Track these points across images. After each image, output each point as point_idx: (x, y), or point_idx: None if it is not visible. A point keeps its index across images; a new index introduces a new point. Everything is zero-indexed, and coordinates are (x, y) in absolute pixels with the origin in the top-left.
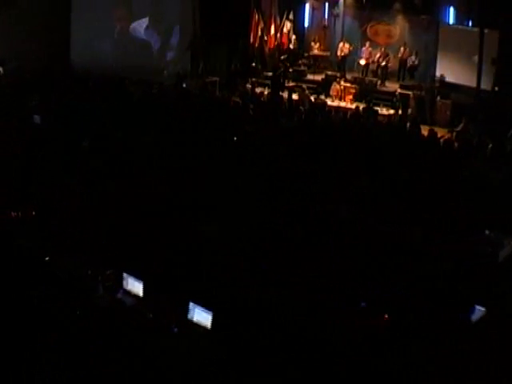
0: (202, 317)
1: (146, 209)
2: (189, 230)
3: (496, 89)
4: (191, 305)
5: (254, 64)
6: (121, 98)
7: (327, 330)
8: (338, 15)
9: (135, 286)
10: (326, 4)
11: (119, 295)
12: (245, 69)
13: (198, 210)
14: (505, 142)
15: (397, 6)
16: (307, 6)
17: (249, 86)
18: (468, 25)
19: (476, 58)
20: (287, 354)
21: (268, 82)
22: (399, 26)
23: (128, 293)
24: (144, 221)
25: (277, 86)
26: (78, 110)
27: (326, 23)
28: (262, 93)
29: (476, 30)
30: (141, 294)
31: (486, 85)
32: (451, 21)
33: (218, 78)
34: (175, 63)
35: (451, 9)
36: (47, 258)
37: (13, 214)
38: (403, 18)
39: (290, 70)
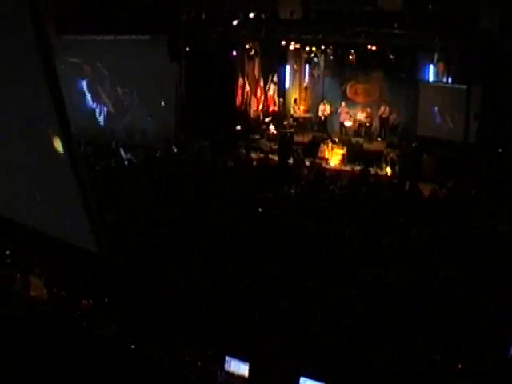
0: None
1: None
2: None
3: (500, 150)
4: (302, 379)
5: (239, 127)
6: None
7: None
8: (318, 76)
9: (240, 368)
10: (307, 65)
11: (221, 378)
12: (230, 132)
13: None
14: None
15: (375, 64)
16: (288, 67)
17: (243, 151)
18: (448, 82)
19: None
20: None
21: (255, 144)
22: (378, 85)
23: (231, 374)
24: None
25: (285, 152)
26: None
27: (307, 84)
28: (260, 158)
29: (457, 86)
30: (246, 374)
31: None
32: (431, 78)
33: (207, 142)
34: (160, 127)
35: (430, 67)
36: (133, 346)
37: (83, 302)
38: (382, 76)
39: (276, 132)
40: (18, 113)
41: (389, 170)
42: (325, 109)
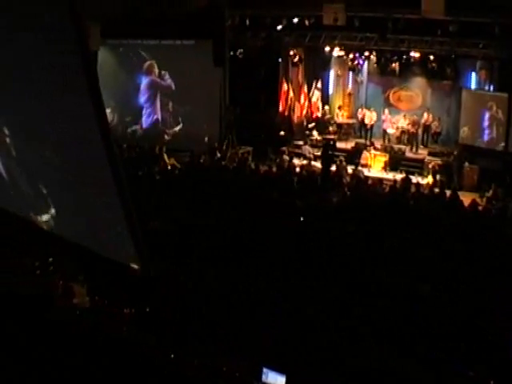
0: None
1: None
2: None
3: None
4: None
5: (282, 133)
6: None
7: None
8: (361, 82)
9: (277, 380)
10: (350, 72)
11: None
12: (274, 138)
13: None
14: None
15: (418, 72)
16: (331, 73)
17: (286, 157)
18: (489, 89)
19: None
20: None
21: (298, 150)
22: (421, 92)
23: None
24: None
25: (327, 160)
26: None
27: (350, 90)
28: (303, 165)
29: (499, 94)
30: None
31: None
32: (473, 86)
33: (251, 148)
34: (204, 132)
35: (473, 74)
36: (172, 356)
37: (125, 310)
38: (425, 83)
39: (319, 139)
40: (60, 123)
41: (430, 179)
42: (371, 116)
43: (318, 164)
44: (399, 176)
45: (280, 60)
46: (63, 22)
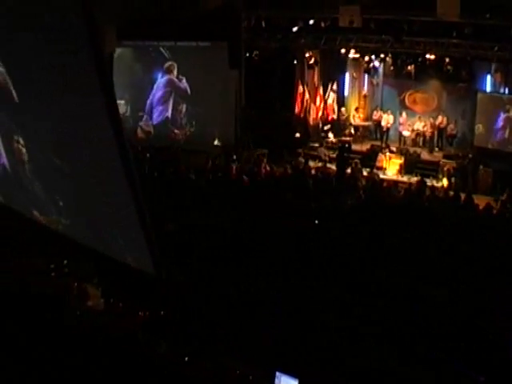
0: None
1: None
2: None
3: None
4: None
5: (298, 135)
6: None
7: None
8: (377, 84)
9: None
10: (366, 73)
11: None
12: (289, 140)
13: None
14: None
15: (434, 74)
16: (347, 75)
17: (301, 159)
18: (505, 92)
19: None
20: None
21: (314, 152)
22: (437, 94)
23: None
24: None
25: (343, 163)
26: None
27: (366, 92)
28: (318, 168)
29: None
30: None
31: None
32: (488, 89)
33: (267, 150)
34: (220, 134)
35: (488, 77)
36: (186, 359)
37: (140, 313)
38: (440, 86)
39: (335, 141)
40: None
41: (445, 182)
42: (388, 119)
43: (333, 166)
44: (414, 179)
45: (295, 62)
46: (72, 21)
